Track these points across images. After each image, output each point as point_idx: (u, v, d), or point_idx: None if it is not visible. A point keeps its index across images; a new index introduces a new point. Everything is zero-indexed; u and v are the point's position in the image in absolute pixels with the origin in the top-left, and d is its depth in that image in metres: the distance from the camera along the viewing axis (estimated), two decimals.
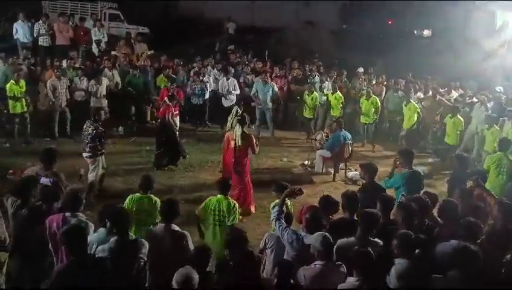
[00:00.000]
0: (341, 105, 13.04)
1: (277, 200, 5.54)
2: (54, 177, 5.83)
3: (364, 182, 6.75)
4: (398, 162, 7.04)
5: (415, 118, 12.35)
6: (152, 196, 5.87)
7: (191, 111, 13.58)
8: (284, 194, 5.45)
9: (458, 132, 11.20)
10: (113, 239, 4.52)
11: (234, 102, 13.13)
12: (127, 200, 5.80)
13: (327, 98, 13.38)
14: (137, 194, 5.85)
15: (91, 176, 8.23)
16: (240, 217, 8.03)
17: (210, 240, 5.82)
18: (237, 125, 8.41)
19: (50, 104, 11.22)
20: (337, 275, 4.34)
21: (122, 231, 4.58)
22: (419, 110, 12.40)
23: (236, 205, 6.06)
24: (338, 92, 13.16)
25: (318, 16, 28.11)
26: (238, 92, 13.54)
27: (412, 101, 12.47)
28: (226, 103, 13.43)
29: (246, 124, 8.64)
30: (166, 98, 10.51)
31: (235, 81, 13.61)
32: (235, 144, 8.28)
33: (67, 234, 4.16)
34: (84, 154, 8.24)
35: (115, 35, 18.50)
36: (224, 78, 13.60)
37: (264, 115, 12.98)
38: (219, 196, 6.00)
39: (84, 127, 8.27)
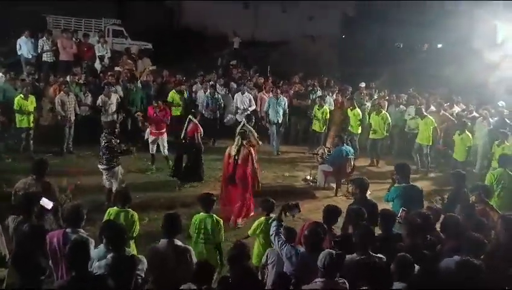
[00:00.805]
0: (359, 122, 12.76)
1: (274, 216, 5.55)
2: (44, 188, 5.92)
3: (357, 197, 6.66)
4: (394, 177, 7.02)
5: (431, 132, 11.94)
6: (130, 210, 5.87)
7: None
8: (281, 208, 5.48)
9: (467, 148, 11.00)
10: (109, 256, 4.50)
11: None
12: (106, 214, 5.83)
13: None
14: (115, 207, 5.86)
15: (113, 187, 8.30)
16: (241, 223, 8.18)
17: (199, 257, 5.75)
18: (238, 137, 8.50)
19: (59, 119, 11.29)
20: None
21: (117, 246, 4.56)
22: (435, 125, 11.93)
23: (221, 222, 5.93)
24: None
25: (320, 30, 28.33)
26: (253, 107, 13.44)
27: (428, 115, 12.11)
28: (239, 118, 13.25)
29: (248, 137, 8.68)
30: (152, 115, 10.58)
31: (251, 97, 13.56)
32: (233, 156, 8.35)
33: (71, 249, 4.14)
34: (100, 166, 8.33)
35: (118, 51, 18.62)
36: (239, 93, 13.55)
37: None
38: (202, 214, 5.90)
39: (100, 139, 8.39)
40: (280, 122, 13.04)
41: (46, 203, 5.53)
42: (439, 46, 25.84)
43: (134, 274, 4.48)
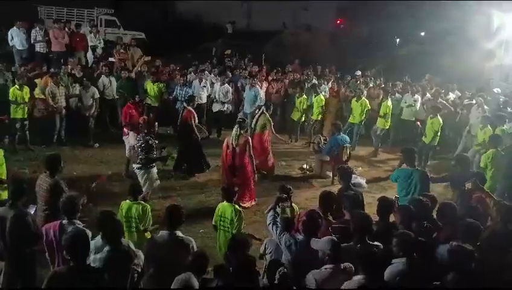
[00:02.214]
0: (320, 108, 12.98)
1: (270, 206, 5.63)
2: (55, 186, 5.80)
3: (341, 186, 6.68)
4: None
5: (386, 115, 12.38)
6: (142, 202, 5.94)
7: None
8: (276, 200, 5.59)
9: (434, 132, 11.08)
10: (105, 249, 4.48)
11: (224, 107, 13.32)
12: (120, 206, 5.91)
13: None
14: (127, 201, 5.89)
15: (145, 189, 7.96)
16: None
17: (219, 245, 6.05)
18: (236, 126, 8.53)
19: (50, 110, 11.17)
20: (347, 277, 4.32)
21: (113, 239, 4.54)
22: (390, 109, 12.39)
23: (242, 212, 6.06)
24: (320, 95, 13.14)
25: (316, 20, 28.24)
26: (229, 98, 13.45)
27: (389, 99, 12.53)
28: (215, 108, 13.43)
29: (245, 127, 8.73)
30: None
31: (229, 88, 13.47)
32: (232, 145, 8.41)
33: (71, 239, 4.09)
34: (135, 166, 8.11)
35: (111, 41, 18.45)
36: (219, 83, 13.49)
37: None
38: (224, 202, 6.08)
39: (137, 138, 8.18)
40: (249, 112, 12.68)
41: (30, 208, 5.65)
42: (422, 34, 25.86)
43: (131, 268, 4.46)
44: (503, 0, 16.13)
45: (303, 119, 13.50)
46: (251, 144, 8.59)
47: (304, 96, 13.31)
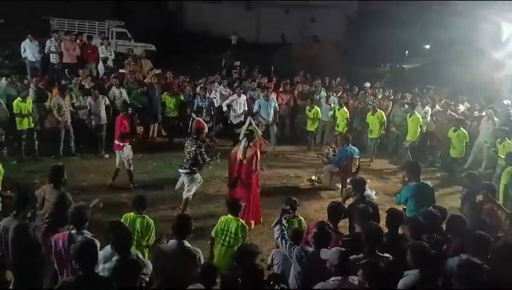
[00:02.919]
0: (345, 121, 12.95)
1: (276, 220, 5.54)
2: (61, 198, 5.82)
3: (356, 197, 6.68)
4: (406, 178, 7.00)
5: (418, 131, 12.27)
6: (146, 216, 5.83)
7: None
8: (281, 212, 5.53)
9: (463, 144, 11.11)
10: (114, 258, 4.48)
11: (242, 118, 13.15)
12: (122, 218, 5.79)
13: (334, 113, 13.33)
14: (132, 213, 5.83)
15: (186, 194, 8.36)
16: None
17: (216, 259, 5.82)
18: (244, 138, 8.48)
19: (55, 121, 11.26)
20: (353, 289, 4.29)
21: (122, 248, 4.54)
22: (421, 124, 12.30)
23: (246, 227, 5.98)
24: (344, 107, 13.13)
25: (323, 31, 28.34)
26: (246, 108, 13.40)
27: (416, 113, 12.39)
28: (235, 120, 13.25)
29: (253, 139, 8.64)
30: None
31: (245, 98, 13.45)
32: (240, 157, 8.32)
33: (80, 249, 4.12)
34: (182, 171, 8.32)
35: (122, 53, 18.66)
36: (235, 95, 13.33)
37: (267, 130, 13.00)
38: (229, 216, 5.95)
39: (186, 144, 8.45)
40: (270, 121, 13.02)
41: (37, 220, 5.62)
42: (428, 46, 25.81)
43: (139, 278, 4.45)
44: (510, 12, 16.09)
45: (313, 129, 13.55)
46: (259, 156, 8.51)
47: (316, 107, 13.32)
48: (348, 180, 8.94)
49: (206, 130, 10.22)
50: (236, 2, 31.09)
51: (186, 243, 4.94)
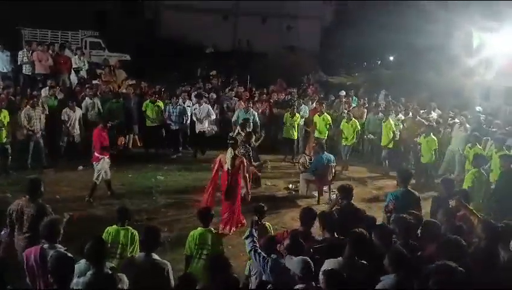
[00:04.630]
0: (328, 126, 13.04)
1: (246, 232, 5.50)
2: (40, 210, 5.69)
3: (343, 203, 6.70)
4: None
5: (391, 136, 12.52)
6: (130, 228, 5.72)
7: (168, 137, 13.41)
8: (250, 223, 5.53)
9: (432, 151, 11.25)
10: (89, 272, 4.39)
11: (206, 128, 13.24)
12: (104, 233, 5.67)
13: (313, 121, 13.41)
14: (114, 226, 5.72)
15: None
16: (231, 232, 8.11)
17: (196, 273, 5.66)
18: (229, 148, 8.46)
19: (25, 133, 11.02)
20: None
21: (96, 262, 4.44)
22: (394, 129, 12.54)
23: (221, 236, 5.98)
24: (325, 114, 13.20)
25: (299, 40, 28.59)
26: (213, 117, 13.43)
27: (390, 119, 12.63)
28: (197, 128, 13.31)
29: (237, 147, 8.66)
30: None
31: (209, 108, 13.38)
32: (228, 167, 8.32)
33: (55, 263, 4.05)
34: None
35: (96, 63, 18.47)
36: (197, 104, 13.37)
37: None
38: (201, 229, 5.82)
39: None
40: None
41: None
42: (391, 58, 26.27)
43: None
44: (482, 20, 16.50)
45: (296, 136, 13.54)
46: (245, 164, 8.53)
47: (298, 114, 13.41)
48: (335, 188, 9.00)
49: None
50: (213, 11, 31.09)
51: (155, 256, 4.88)
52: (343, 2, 32.72)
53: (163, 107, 13.03)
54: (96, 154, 9.48)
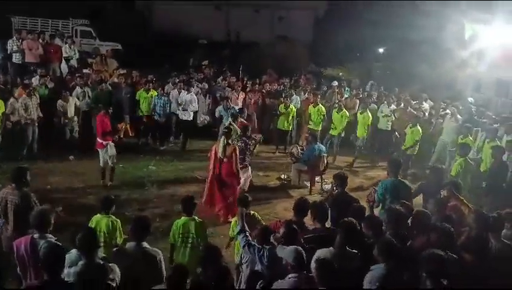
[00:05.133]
0: (322, 118, 13.01)
1: (238, 226, 5.49)
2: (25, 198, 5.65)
3: (336, 192, 6.75)
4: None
5: (366, 128, 12.67)
6: (112, 216, 5.73)
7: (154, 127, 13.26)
8: (239, 215, 5.53)
9: (414, 141, 11.36)
10: (80, 263, 4.38)
11: (191, 116, 13.12)
12: (91, 220, 5.71)
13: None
14: (98, 215, 5.73)
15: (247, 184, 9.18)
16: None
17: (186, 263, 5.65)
18: (222, 137, 8.48)
19: (22, 122, 10.93)
20: (311, 286, 4.30)
21: (87, 252, 4.44)
22: (369, 122, 12.67)
23: (205, 224, 5.90)
24: (320, 105, 13.15)
25: (292, 30, 28.52)
26: (195, 107, 13.27)
27: (368, 111, 12.69)
28: (182, 116, 13.13)
29: (231, 136, 8.69)
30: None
31: (192, 96, 13.22)
32: (219, 155, 8.33)
33: (48, 252, 4.05)
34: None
35: (86, 52, 18.28)
36: (183, 91, 13.17)
37: None
38: (184, 218, 5.80)
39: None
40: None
41: None
42: (381, 50, 26.29)
43: (105, 283, 4.35)
44: (474, 11, 16.55)
45: (290, 128, 13.51)
46: (237, 153, 8.53)
47: (292, 105, 13.37)
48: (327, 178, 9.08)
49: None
50: (205, 1, 30.89)
51: (145, 244, 4.89)
52: None
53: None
54: (99, 140, 9.54)
